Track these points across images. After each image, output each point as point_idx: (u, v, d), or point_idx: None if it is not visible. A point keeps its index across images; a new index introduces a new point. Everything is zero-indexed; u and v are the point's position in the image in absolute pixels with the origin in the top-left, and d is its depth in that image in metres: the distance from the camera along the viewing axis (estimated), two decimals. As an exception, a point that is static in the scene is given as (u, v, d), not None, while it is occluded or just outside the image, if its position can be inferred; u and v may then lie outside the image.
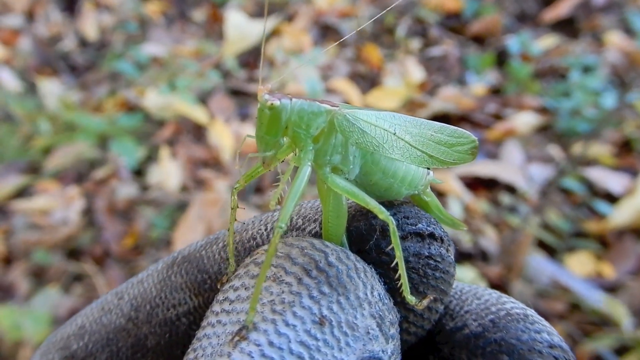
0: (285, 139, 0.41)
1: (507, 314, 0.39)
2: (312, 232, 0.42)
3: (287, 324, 0.32)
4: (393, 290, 0.39)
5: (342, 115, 0.42)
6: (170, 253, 0.52)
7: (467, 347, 0.39)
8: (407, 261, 0.39)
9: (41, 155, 2.73)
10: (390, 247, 0.38)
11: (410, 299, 0.38)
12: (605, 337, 1.76)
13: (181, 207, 2.38)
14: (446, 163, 0.46)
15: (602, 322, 1.80)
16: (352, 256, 0.38)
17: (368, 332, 0.34)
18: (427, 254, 0.39)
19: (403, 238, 0.39)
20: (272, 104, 0.40)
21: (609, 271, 1.97)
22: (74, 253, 2.33)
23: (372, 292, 0.36)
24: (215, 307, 0.37)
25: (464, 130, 0.47)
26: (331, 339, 0.32)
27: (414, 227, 0.40)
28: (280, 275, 0.35)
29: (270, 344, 0.31)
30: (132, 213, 2.43)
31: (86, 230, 2.38)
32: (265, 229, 0.44)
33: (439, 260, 0.39)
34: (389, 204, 0.41)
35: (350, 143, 0.42)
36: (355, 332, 0.33)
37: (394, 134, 0.43)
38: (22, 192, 2.59)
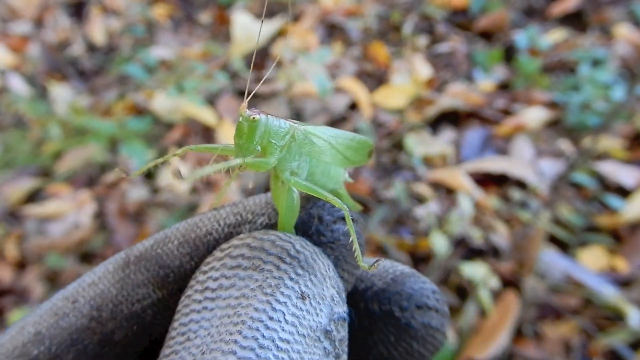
0: (258, 147, 0.51)
1: (402, 273, 0.52)
2: (263, 224, 0.51)
3: (279, 302, 0.40)
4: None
5: (300, 130, 0.53)
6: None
7: (378, 300, 0.51)
8: (340, 239, 0.49)
9: (52, 160, 2.75)
10: (327, 229, 0.48)
11: (364, 265, 0.48)
12: (620, 331, 1.74)
13: (191, 209, 2.39)
14: (355, 163, 0.59)
15: (616, 317, 1.79)
16: (310, 243, 0.47)
17: (333, 299, 0.44)
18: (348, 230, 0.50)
19: (334, 222, 0.50)
20: (254, 117, 0.49)
21: (623, 265, 1.95)
22: (86, 256, 2.35)
23: (328, 269, 0.46)
24: (196, 296, 0.43)
25: (363, 136, 0.60)
26: (311, 308, 0.41)
27: (340, 213, 0.50)
28: (259, 265, 0.43)
29: (270, 319, 0.39)
30: (143, 216, 2.44)
31: (98, 234, 2.40)
32: (219, 225, 0.51)
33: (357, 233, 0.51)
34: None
35: (303, 152, 0.53)
36: (325, 301, 0.43)
37: (330, 143, 0.55)
38: (34, 197, 2.62)
